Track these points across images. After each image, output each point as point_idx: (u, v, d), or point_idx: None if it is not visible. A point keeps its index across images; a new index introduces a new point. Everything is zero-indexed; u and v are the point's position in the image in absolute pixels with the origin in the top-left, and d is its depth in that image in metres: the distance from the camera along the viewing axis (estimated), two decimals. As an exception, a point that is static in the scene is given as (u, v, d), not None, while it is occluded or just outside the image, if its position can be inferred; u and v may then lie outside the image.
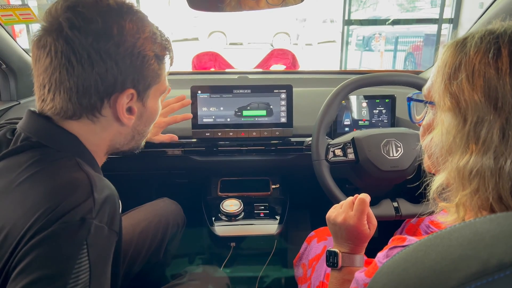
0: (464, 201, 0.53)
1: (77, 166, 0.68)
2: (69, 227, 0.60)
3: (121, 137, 0.79)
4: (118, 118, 0.74)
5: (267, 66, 2.89)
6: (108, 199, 0.66)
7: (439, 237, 0.41)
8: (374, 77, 1.21)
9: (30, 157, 0.68)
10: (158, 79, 0.77)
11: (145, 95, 0.76)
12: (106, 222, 0.65)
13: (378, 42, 7.38)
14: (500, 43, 0.51)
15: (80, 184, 0.65)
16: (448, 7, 5.53)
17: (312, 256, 1.15)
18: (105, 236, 0.65)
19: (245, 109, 1.35)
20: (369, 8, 7.93)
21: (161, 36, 0.75)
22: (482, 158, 0.50)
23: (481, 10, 1.23)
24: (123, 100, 0.72)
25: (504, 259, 0.34)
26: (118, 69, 0.69)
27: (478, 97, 0.51)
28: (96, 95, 0.69)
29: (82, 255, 0.60)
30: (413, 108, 0.70)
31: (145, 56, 0.71)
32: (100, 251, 0.64)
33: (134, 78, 0.72)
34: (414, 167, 1.13)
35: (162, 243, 1.17)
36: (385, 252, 0.65)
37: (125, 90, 0.71)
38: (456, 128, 0.53)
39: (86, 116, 0.72)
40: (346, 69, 5.88)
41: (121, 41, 0.68)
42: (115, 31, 0.68)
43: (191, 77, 1.76)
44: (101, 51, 0.67)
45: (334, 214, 0.89)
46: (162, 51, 0.75)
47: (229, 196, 1.38)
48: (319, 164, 1.16)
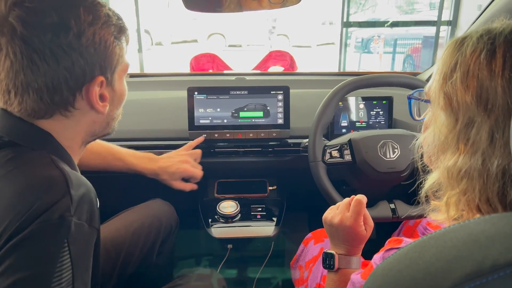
0: (454, 201, 0.54)
1: (51, 164, 0.67)
2: (48, 226, 0.59)
3: (95, 126, 0.78)
4: (93, 108, 0.72)
5: (265, 67, 2.89)
6: (85, 196, 0.65)
7: (434, 238, 0.41)
8: (371, 78, 1.20)
9: (2, 156, 0.67)
10: (121, 59, 0.75)
11: (113, 79, 0.75)
12: (86, 219, 0.64)
13: (377, 44, 7.39)
14: (495, 43, 0.51)
15: (55, 182, 0.63)
16: (446, 10, 5.54)
17: (309, 258, 1.15)
18: (85, 233, 0.64)
19: (242, 110, 1.34)
20: (368, 10, 7.96)
21: (115, 17, 0.73)
22: (470, 159, 0.51)
23: (479, 12, 1.22)
24: (94, 88, 0.71)
25: (498, 260, 0.34)
26: (84, 60, 0.67)
27: (470, 98, 0.50)
28: (67, 90, 0.68)
29: (63, 254, 0.59)
30: (414, 106, 0.70)
31: (106, 41, 0.70)
32: (81, 249, 0.63)
33: (101, 65, 0.70)
34: (411, 169, 1.13)
35: (155, 244, 1.16)
36: (381, 254, 0.65)
37: (95, 78, 0.70)
38: (448, 128, 0.54)
39: (59, 113, 0.70)
40: (344, 71, 5.89)
41: (80, 32, 0.66)
42: (72, 22, 0.65)
43: (189, 78, 1.76)
44: (63, 45, 0.64)
45: (330, 215, 0.88)
46: (119, 32, 0.73)
47: (226, 197, 1.38)
48: (315, 165, 1.15)
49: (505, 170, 0.48)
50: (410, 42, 6.83)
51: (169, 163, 1.18)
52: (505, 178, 0.49)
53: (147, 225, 1.15)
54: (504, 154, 0.48)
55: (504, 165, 0.48)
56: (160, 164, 1.17)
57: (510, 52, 0.49)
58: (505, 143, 0.48)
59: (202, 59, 2.89)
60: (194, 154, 1.26)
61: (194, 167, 1.23)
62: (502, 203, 0.50)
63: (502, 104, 0.48)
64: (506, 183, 0.49)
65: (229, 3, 0.93)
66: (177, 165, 1.19)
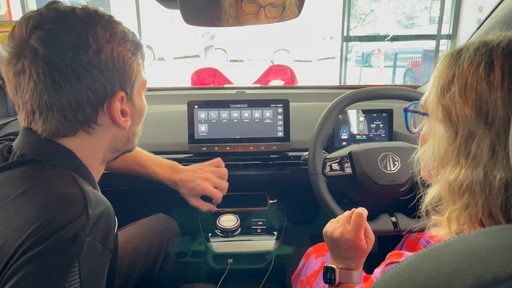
0: (455, 216, 0.53)
1: (72, 181, 0.67)
2: (61, 244, 0.59)
3: (116, 141, 0.79)
4: (115, 123, 0.74)
5: (265, 81, 2.91)
6: (103, 215, 0.65)
7: (433, 251, 0.40)
8: (370, 91, 1.21)
9: (24, 172, 0.67)
10: (139, 74, 0.77)
11: (132, 94, 0.76)
12: (100, 239, 0.63)
13: (377, 58, 7.45)
14: (493, 56, 0.50)
15: (74, 200, 0.63)
16: (446, 24, 5.60)
17: (310, 273, 1.13)
18: (98, 254, 0.63)
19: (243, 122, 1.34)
20: (368, 25, 8.04)
21: (131, 34, 0.75)
22: (472, 172, 0.50)
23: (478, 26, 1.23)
24: (116, 104, 0.72)
25: (498, 273, 0.33)
26: (104, 76, 0.69)
27: (469, 111, 0.50)
28: (89, 107, 0.69)
29: (73, 273, 0.59)
30: (410, 119, 0.70)
31: (124, 56, 0.71)
32: (92, 269, 0.62)
33: (120, 80, 0.72)
34: (412, 181, 1.12)
35: (157, 259, 1.15)
36: (382, 268, 0.64)
37: (115, 94, 0.71)
38: (448, 141, 0.53)
39: (83, 130, 0.71)
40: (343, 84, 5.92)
41: (99, 49, 0.67)
42: (91, 40, 0.67)
43: (189, 92, 1.77)
44: (83, 63, 0.66)
45: (331, 228, 0.88)
46: (136, 48, 0.75)
47: (226, 211, 1.37)
48: (316, 178, 1.15)
49: (508, 184, 0.48)
50: (411, 56, 6.88)
51: (190, 178, 1.10)
52: (508, 192, 0.48)
53: (148, 241, 1.14)
54: (507, 167, 0.47)
55: (507, 178, 0.47)
56: (182, 176, 1.11)
57: (509, 64, 0.49)
58: (507, 156, 0.47)
59: (203, 73, 2.91)
60: (219, 172, 1.16)
61: (216, 186, 1.13)
62: (505, 217, 0.49)
63: (502, 116, 0.48)
64: (510, 196, 0.48)
65: (227, 17, 0.94)
66: (197, 181, 1.10)
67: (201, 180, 1.11)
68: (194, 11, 0.95)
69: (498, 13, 1.11)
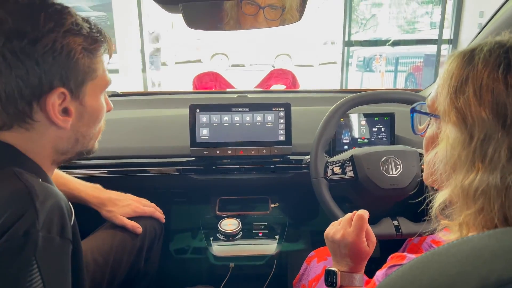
0: (468, 220, 0.51)
1: (14, 177, 0.62)
2: (12, 244, 0.56)
3: (63, 141, 0.73)
4: (53, 121, 0.68)
5: (267, 86, 2.91)
6: (54, 207, 0.62)
7: (437, 253, 0.40)
8: (372, 95, 1.21)
9: None
10: (93, 74, 0.71)
11: (80, 92, 0.70)
12: (57, 231, 0.61)
13: (378, 63, 7.45)
14: (510, 57, 0.49)
15: (18, 196, 0.60)
16: (447, 28, 5.60)
17: (312, 277, 1.12)
18: (57, 247, 0.61)
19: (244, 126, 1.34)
20: (370, 30, 8.04)
21: (89, 28, 0.69)
22: (488, 177, 0.48)
23: (479, 30, 1.23)
24: (53, 100, 0.66)
25: (503, 276, 0.33)
26: (40, 68, 0.64)
27: (486, 114, 0.48)
28: (22, 99, 0.64)
29: (32, 272, 0.56)
30: (416, 120, 0.68)
31: (70, 50, 0.66)
32: (53, 264, 0.60)
33: (62, 75, 0.66)
34: (414, 185, 1.12)
35: (142, 249, 1.13)
36: (384, 271, 0.63)
37: (54, 89, 0.66)
38: (462, 145, 0.51)
39: (18, 124, 0.66)
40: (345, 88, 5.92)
41: (37, 38, 0.62)
42: (29, 27, 0.62)
43: (191, 96, 1.77)
44: (16, 51, 0.61)
45: (332, 231, 0.87)
46: (92, 44, 0.70)
47: (228, 215, 1.37)
48: (317, 182, 1.14)
49: None
50: (412, 60, 6.88)
51: (122, 197, 1.14)
52: None
53: (131, 231, 1.12)
54: None
55: None
56: (111, 195, 1.12)
57: None
58: None
59: (205, 77, 2.91)
60: (143, 200, 1.20)
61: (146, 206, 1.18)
62: None
63: None
64: None
65: (229, 19, 0.94)
66: (129, 201, 1.15)
67: (133, 201, 1.16)
68: (196, 15, 0.96)
69: (500, 17, 1.11)
